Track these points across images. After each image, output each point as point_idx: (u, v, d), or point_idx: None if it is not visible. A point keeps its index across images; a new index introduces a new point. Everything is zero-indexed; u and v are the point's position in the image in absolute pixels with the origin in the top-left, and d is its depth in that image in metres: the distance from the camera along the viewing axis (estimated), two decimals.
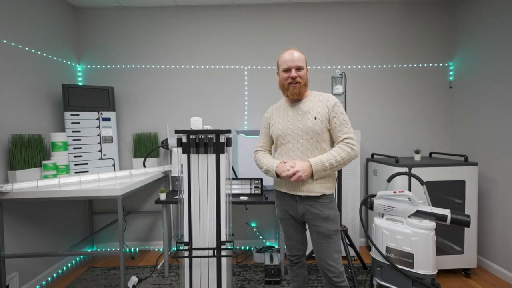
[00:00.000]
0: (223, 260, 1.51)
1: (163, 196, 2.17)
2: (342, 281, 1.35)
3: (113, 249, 2.76)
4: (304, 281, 1.55)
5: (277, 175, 1.38)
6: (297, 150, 1.37)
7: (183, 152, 1.48)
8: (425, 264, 1.69)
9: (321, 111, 1.35)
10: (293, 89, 1.38)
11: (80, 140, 2.38)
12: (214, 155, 1.49)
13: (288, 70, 1.38)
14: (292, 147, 1.38)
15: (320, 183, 1.36)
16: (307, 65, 1.44)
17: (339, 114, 1.35)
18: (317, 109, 1.36)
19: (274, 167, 1.38)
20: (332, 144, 1.41)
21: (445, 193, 2.25)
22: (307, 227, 1.47)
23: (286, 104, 1.47)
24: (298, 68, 1.37)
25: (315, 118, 1.35)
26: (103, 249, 2.78)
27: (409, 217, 1.77)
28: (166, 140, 2.60)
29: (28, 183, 1.78)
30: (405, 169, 2.10)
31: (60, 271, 2.36)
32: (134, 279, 2.12)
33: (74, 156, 2.35)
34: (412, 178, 2.10)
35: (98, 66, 2.72)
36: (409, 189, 2.11)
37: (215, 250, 1.49)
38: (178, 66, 2.74)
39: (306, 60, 1.44)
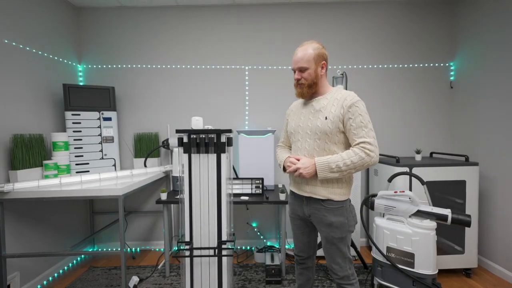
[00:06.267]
0: (224, 259, 1.51)
1: (164, 196, 2.17)
2: (346, 284, 1.34)
3: (114, 249, 2.76)
4: (307, 282, 1.54)
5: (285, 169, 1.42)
6: (304, 149, 1.34)
7: (184, 152, 1.48)
8: (426, 264, 1.69)
9: (334, 111, 1.27)
10: (297, 89, 1.37)
11: (81, 140, 2.38)
12: (215, 154, 1.49)
13: (293, 71, 1.36)
14: (300, 146, 1.36)
15: (326, 187, 1.30)
16: (321, 61, 1.32)
17: (357, 116, 1.24)
18: (330, 108, 1.28)
19: (282, 161, 1.43)
20: (347, 147, 1.32)
21: (446, 193, 2.25)
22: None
23: (303, 101, 1.44)
24: (301, 70, 1.32)
25: (326, 118, 1.27)
26: (104, 249, 2.78)
27: (410, 217, 1.77)
28: (167, 140, 2.60)
29: (29, 183, 1.78)
30: (406, 169, 2.09)
31: (61, 271, 2.36)
32: (135, 279, 2.12)
33: (75, 156, 2.35)
34: (413, 178, 2.10)
35: (99, 66, 2.72)
36: (410, 189, 2.11)
37: (216, 250, 1.49)
38: (179, 66, 2.74)
39: (322, 54, 1.32)
